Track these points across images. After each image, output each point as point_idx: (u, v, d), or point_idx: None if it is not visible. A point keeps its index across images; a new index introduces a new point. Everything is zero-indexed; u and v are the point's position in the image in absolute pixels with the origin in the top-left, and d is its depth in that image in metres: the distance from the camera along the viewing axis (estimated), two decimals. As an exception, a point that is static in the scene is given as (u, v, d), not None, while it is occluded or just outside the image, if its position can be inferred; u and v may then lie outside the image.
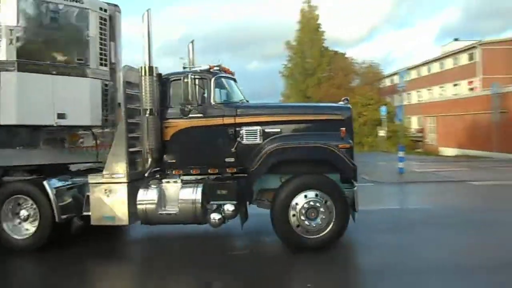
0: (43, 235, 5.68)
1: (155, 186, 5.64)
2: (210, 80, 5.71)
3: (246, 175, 5.56)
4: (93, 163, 6.63)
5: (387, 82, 44.31)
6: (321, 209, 5.15)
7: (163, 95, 5.72)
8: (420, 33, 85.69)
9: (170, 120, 5.71)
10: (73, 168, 6.70)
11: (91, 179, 5.76)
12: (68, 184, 5.96)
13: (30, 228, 5.77)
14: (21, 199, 5.79)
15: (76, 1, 5.98)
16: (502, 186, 11.01)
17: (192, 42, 6.87)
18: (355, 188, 5.37)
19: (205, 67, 5.84)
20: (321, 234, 5.18)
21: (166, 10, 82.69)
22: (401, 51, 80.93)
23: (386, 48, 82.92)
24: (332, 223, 5.16)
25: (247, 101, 6.28)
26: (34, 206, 5.73)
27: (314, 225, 5.18)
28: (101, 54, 6.35)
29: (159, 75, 5.68)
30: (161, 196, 5.56)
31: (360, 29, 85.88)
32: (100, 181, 5.70)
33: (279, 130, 5.56)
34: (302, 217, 5.17)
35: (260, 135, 5.57)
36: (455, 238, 5.91)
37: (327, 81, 37.24)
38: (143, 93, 5.53)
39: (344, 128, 5.35)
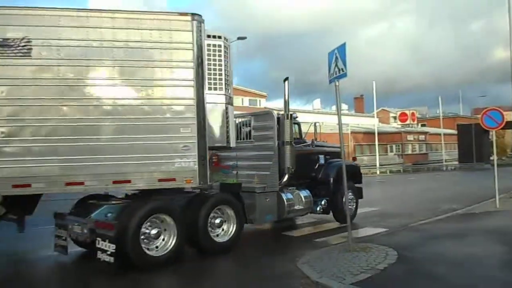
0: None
1: (286, 192, 8.72)
2: (299, 123, 9.53)
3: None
4: None
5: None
6: (355, 199, 10.26)
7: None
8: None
9: (288, 148, 8.97)
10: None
11: (258, 190, 8.01)
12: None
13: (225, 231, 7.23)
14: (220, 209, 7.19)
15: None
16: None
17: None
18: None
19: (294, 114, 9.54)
20: (353, 212, 10.22)
21: None
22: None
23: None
24: (355, 205, 10.35)
25: None
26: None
27: (352, 207, 10.16)
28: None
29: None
30: (294, 198, 8.77)
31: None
32: (262, 191, 8.09)
33: (329, 157, 10.16)
34: (349, 203, 10.07)
35: (324, 159, 9.95)
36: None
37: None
38: (286, 131, 8.58)
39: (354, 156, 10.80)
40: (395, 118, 55.25)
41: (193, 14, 6.41)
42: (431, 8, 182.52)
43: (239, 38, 30.12)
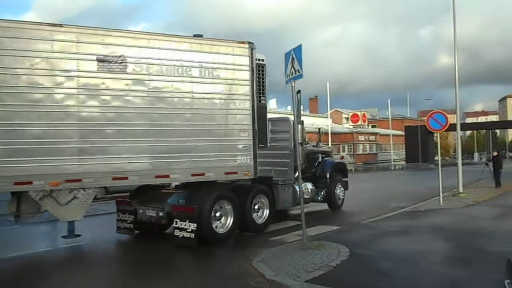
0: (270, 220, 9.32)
1: (297, 184, 10.79)
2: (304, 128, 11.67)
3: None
4: None
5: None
6: (343, 190, 12.61)
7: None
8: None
9: (299, 148, 11.06)
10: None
11: (280, 182, 10.00)
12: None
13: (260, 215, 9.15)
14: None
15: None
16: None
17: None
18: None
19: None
20: (341, 201, 12.58)
21: None
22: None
23: None
24: (344, 195, 12.70)
25: None
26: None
27: (342, 197, 12.53)
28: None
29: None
30: (304, 189, 10.87)
31: None
32: (282, 183, 10.10)
33: (324, 156, 12.42)
34: (339, 193, 12.39)
35: (321, 158, 12.18)
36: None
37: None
38: (299, 134, 10.61)
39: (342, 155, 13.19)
40: (347, 119, 59.45)
41: (249, 43, 8.26)
42: (383, 14, 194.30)
43: (195, 36, 31.51)
